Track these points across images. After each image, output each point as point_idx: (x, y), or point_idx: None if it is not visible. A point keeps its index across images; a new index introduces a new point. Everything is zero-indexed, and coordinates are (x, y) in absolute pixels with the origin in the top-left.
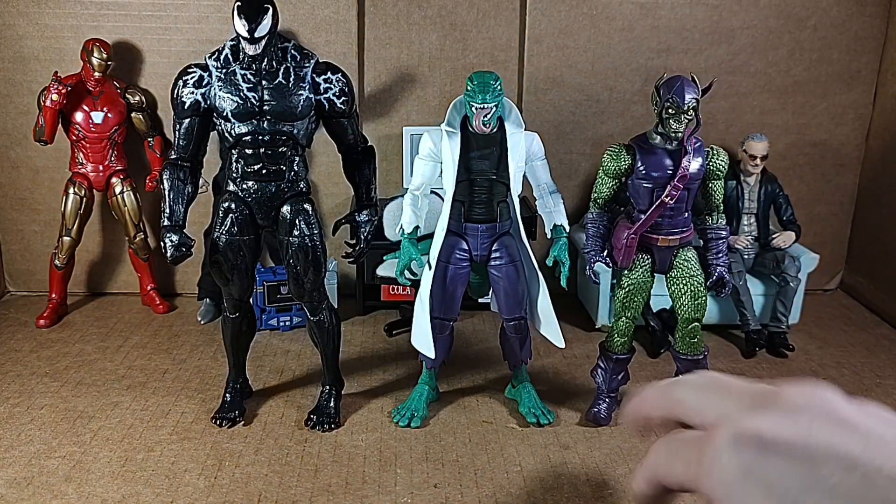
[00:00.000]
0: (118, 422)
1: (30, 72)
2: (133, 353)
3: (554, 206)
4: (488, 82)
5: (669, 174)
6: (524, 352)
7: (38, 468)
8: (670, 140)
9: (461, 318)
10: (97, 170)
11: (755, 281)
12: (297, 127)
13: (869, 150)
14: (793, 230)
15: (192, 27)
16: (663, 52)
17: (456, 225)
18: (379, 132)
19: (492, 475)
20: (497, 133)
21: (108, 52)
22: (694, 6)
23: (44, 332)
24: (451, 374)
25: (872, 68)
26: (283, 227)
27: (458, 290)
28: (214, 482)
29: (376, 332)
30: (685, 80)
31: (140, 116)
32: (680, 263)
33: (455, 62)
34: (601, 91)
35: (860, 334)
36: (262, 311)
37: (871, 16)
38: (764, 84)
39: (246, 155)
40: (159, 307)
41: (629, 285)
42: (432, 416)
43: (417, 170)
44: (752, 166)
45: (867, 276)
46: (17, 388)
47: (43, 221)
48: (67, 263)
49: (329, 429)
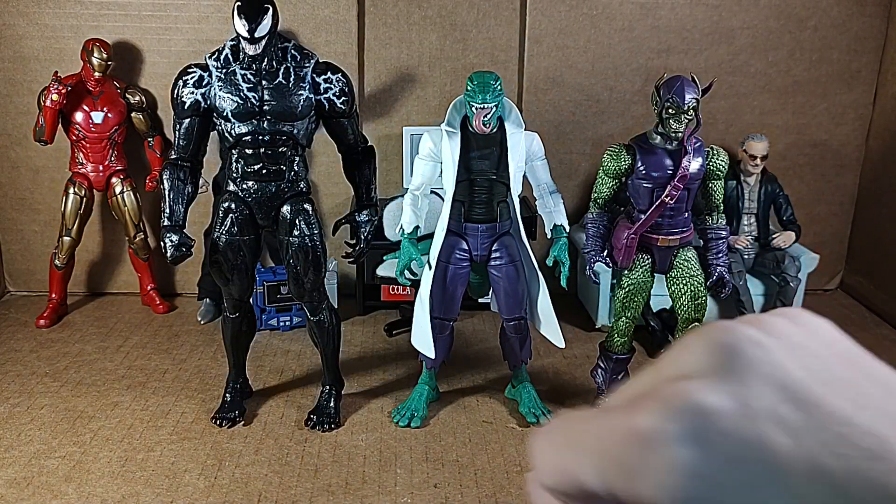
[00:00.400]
0: (118, 422)
1: (30, 72)
2: (133, 353)
3: (554, 206)
4: (488, 82)
5: (669, 174)
6: (524, 352)
7: (37, 468)
8: (670, 140)
9: (461, 318)
10: (97, 170)
11: (755, 281)
12: (297, 127)
13: (869, 150)
14: (793, 230)
15: (192, 27)
16: (663, 53)
17: (456, 225)
18: (379, 132)
19: (492, 475)
20: (497, 133)
21: (108, 52)
22: (694, 6)
23: (44, 332)
24: (452, 374)
25: (873, 68)
26: (283, 227)
27: (458, 290)
28: (214, 482)
29: (376, 332)
30: (685, 80)
31: (140, 116)
32: (680, 263)
33: (455, 62)
34: (601, 91)
35: (860, 334)
36: (262, 311)
37: (872, 16)
38: (764, 84)
39: (246, 155)
40: (159, 307)
41: (629, 285)
42: (432, 416)
43: (417, 170)
44: (752, 166)
45: (867, 276)
46: (17, 388)
47: (43, 221)
48: (67, 263)
49: (329, 429)
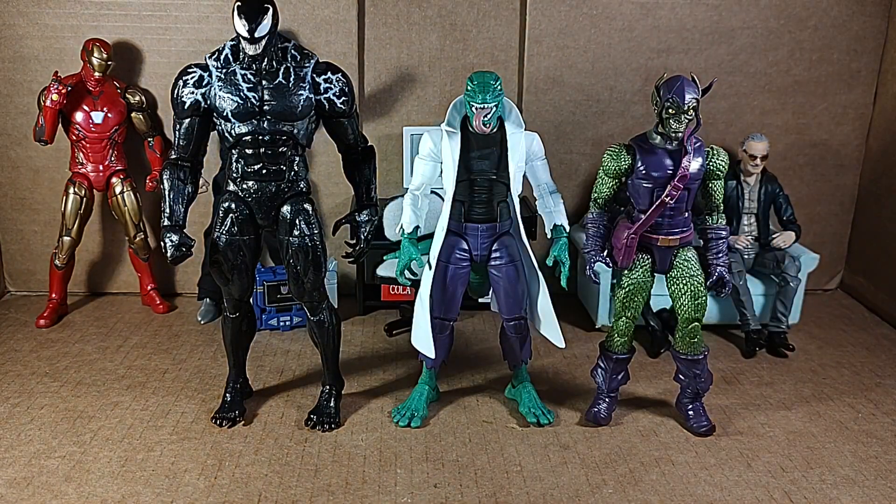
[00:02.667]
0: (118, 422)
1: (30, 72)
2: (133, 353)
3: (554, 206)
4: (488, 82)
5: (669, 174)
6: (524, 352)
7: (37, 468)
8: (670, 140)
9: (462, 318)
10: (97, 170)
11: (755, 281)
12: (297, 127)
13: (869, 150)
14: (793, 230)
15: (192, 27)
16: (663, 53)
17: (456, 225)
18: (379, 132)
19: (492, 475)
20: (497, 133)
21: (108, 52)
22: (694, 6)
23: (44, 331)
24: (452, 374)
25: (873, 68)
26: (283, 227)
27: (458, 289)
28: (214, 482)
29: (376, 332)
30: (685, 80)
31: (140, 116)
32: (680, 263)
33: (455, 62)
34: (601, 91)
35: (860, 334)
36: (262, 311)
37: (872, 16)
38: (764, 84)
39: (246, 155)
40: (159, 307)
41: (629, 285)
42: (432, 416)
43: (417, 170)
44: (752, 166)
45: (867, 276)
46: (17, 388)
47: (43, 221)
48: (67, 263)
49: (329, 429)
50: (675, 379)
